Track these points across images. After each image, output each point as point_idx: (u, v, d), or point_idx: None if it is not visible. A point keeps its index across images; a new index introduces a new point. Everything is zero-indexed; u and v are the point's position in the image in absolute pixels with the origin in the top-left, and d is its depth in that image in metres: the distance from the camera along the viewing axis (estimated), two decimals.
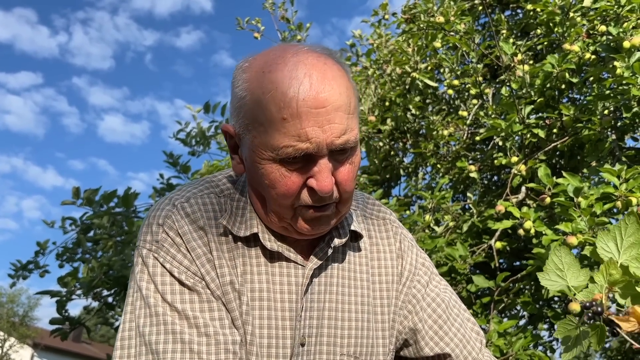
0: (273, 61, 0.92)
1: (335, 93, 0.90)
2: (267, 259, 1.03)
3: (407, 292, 1.15)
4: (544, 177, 2.59)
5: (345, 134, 0.91)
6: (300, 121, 0.87)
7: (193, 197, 1.04)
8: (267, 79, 0.90)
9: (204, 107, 3.95)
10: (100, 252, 3.56)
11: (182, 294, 0.96)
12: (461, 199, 3.97)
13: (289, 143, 0.88)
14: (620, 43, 2.53)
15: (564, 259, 0.72)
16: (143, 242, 1.00)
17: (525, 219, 2.70)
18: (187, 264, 0.98)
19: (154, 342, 0.93)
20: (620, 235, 0.70)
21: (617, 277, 0.69)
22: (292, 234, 1.02)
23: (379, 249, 1.16)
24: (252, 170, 0.97)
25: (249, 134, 0.93)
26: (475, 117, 3.69)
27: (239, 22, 4.21)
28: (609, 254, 0.71)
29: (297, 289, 1.03)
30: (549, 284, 0.73)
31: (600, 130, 2.84)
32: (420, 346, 1.13)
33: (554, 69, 2.90)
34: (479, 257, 3.07)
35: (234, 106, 0.97)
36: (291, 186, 0.93)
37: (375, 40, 4.27)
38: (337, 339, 1.05)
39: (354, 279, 1.11)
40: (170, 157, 3.97)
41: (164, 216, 1.00)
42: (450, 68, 3.61)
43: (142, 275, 0.98)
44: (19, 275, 3.73)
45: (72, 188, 3.38)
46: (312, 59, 0.91)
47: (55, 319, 3.27)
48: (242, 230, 1.01)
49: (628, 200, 2.35)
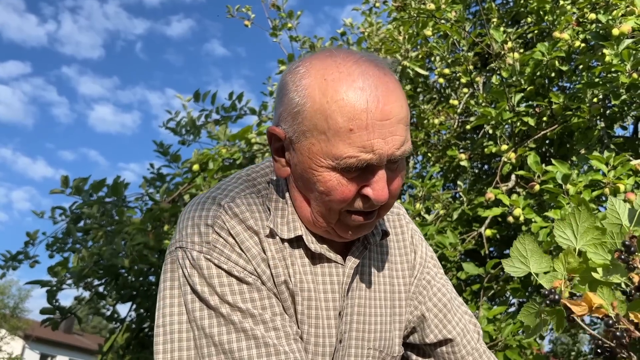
0: (335, 69, 0.93)
1: (398, 106, 0.92)
2: (310, 259, 1.05)
3: (417, 283, 1.20)
4: (533, 165, 2.60)
5: (403, 145, 0.94)
6: (367, 133, 0.89)
7: (238, 196, 1.03)
8: (331, 88, 0.91)
9: (194, 96, 3.92)
10: (90, 241, 3.54)
11: (242, 294, 0.96)
12: (452, 188, 3.99)
13: (352, 154, 0.90)
14: (610, 31, 2.54)
15: (527, 247, 0.76)
16: (191, 244, 0.98)
17: (514, 206, 2.72)
18: (243, 264, 0.97)
19: (226, 342, 0.93)
20: (576, 222, 0.74)
21: (575, 265, 0.73)
22: (332, 237, 1.04)
23: (397, 244, 1.20)
24: (304, 175, 0.97)
25: (306, 140, 0.94)
26: (465, 106, 3.70)
27: (229, 9, 4.18)
28: (567, 241, 0.74)
29: (339, 287, 1.06)
30: (513, 270, 0.76)
31: (589, 118, 2.86)
32: (426, 333, 1.19)
33: (544, 57, 2.91)
34: (469, 245, 3.09)
35: (288, 111, 0.96)
36: (347, 194, 0.94)
37: (366, 28, 4.26)
38: (364, 334, 1.09)
39: (378, 275, 1.14)
40: (160, 146, 3.95)
41: (213, 216, 0.99)
42: (441, 56, 3.61)
43: (193, 278, 0.96)
44: (8, 266, 3.71)
45: (61, 177, 3.36)
46: (374, 70, 0.93)
47: (46, 309, 3.26)
48: (286, 232, 1.02)
49: (616, 187, 2.37)
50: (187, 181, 3.79)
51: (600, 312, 0.69)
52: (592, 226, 0.73)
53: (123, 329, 3.68)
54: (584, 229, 0.74)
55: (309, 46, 4.32)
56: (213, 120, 4.00)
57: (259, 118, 4.10)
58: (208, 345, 0.94)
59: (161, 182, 4.01)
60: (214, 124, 3.96)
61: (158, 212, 3.46)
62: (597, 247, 0.72)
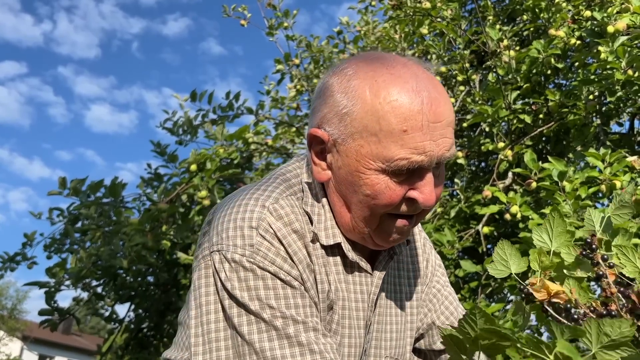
0: (386, 70, 0.92)
1: (448, 109, 0.92)
2: (344, 267, 1.03)
3: (428, 291, 1.21)
4: (530, 162, 2.61)
5: (452, 147, 0.93)
6: (421, 134, 0.88)
7: (281, 198, 0.99)
8: (384, 89, 0.90)
9: (191, 95, 3.92)
10: (88, 242, 3.54)
11: (286, 299, 0.92)
12: (449, 185, 4.00)
13: (405, 155, 0.89)
14: (605, 28, 2.55)
15: (507, 251, 0.85)
16: (233, 247, 0.93)
17: (511, 203, 2.73)
18: (288, 269, 0.94)
19: (268, 349, 0.89)
20: (550, 227, 0.84)
21: (547, 263, 0.81)
22: (368, 244, 1.02)
23: (411, 252, 1.20)
24: (349, 178, 0.94)
25: (354, 142, 0.92)
26: (462, 104, 3.71)
27: (225, 9, 4.17)
28: (544, 243, 0.84)
29: (368, 298, 1.05)
30: (497, 273, 0.85)
31: (585, 115, 2.87)
32: (434, 340, 1.20)
33: (540, 54, 2.91)
34: (467, 242, 3.10)
35: (335, 112, 0.94)
36: (395, 198, 0.93)
37: (363, 27, 4.27)
38: (381, 342, 1.09)
39: (395, 284, 1.14)
40: (157, 146, 3.94)
41: (257, 219, 0.95)
42: (438, 54, 3.62)
43: (233, 283, 0.92)
44: (6, 267, 3.71)
45: (59, 178, 3.35)
46: (425, 73, 0.93)
47: (44, 310, 3.26)
48: (324, 238, 0.99)
49: (612, 183, 2.38)
50: (184, 181, 3.79)
51: (561, 297, 0.78)
52: (564, 230, 0.83)
53: (122, 329, 3.68)
54: (557, 232, 0.83)
55: (305, 45, 4.32)
56: (210, 120, 4.00)
57: (256, 117, 4.10)
58: (250, 353, 0.90)
59: (159, 182, 4.01)
60: (211, 123, 3.96)
61: (156, 212, 3.46)
62: (569, 247, 0.82)
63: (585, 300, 0.77)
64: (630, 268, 0.75)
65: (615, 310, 0.71)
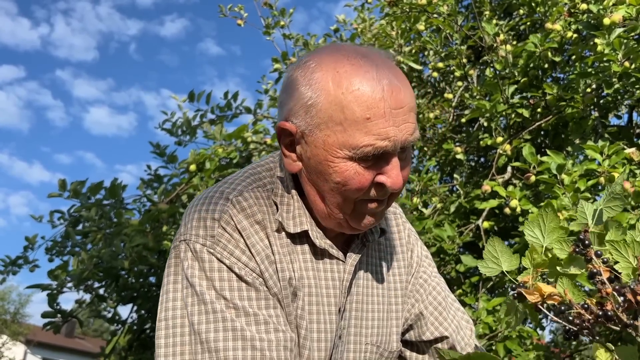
0: (347, 61, 0.95)
1: (409, 95, 0.96)
2: (313, 255, 1.05)
3: (414, 282, 1.22)
4: (529, 156, 2.62)
5: (415, 132, 0.97)
6: (383, 121, 0.92)
7: (245, 190, 1.03)
8: (346, 79, 0.93)
9: (189, 96, 3.93)
10: (89, 244, 3.55)
11: (240, 290, 0.96)
12: (448, 181, 4.01)
13: (369, 142, 0.92)
14: (601, 20, 2.55)
15: (498, 248, 0.83)
16: (195, 237, 0.98)
17: (511, 198, 2.74)
18: (246, 260, 0.97)
19: (212, 340, 0.92)
20: (543, 222, 0.82)
21: (540, 260, 0.79)
22: (344, 229, 1.05)
23: (393, 243, 1.22)
24: (319, 168, 0.97)
25: (321, 132, 0.95)
26: (460, 99, 3.72)
27: (222, 9, 4.18)
28: (536, 239, 0.82)
29: (340, 284, 1.07)
30: (487, 270, 0.83)
31: (583, 108, 2.87)
32: (422, 330, 1.20)
33: (537, 48, 2.92)
34: (467, 237, 3.11)
35: (300, 105, 0.97)
36: (364, 183, 0.96)
37: (359, 24, 4.27)
38: (362, 329, 1.10)
39: (375, 272, 1.16)
40: (157, 147, 3.95)
41: (220, 211, 0.99)
42: (435, 50, 3.62)
43: (193, 271, 0.96)
44: (8, 271, 3.72)
45: (59, 180, 3.36)
46: (383, 62, 0.97)
47: (47, 312, 3.27)
48: (292, 226, 1.03)
49: (611, 176, 2.39)
50: (184, 181, 3.80)
51: (555, 299, 0.76)
52: (557, 226, 0.81)
53: (125, 330, 3.69)
54: (550, 228, 0.81)
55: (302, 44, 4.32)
56: (208, 120, 4.01)
57: (255, 117, 4.10)
58: (195, 342, 0.93)
59: (158, 183, 4.02)
60: (209, 123, 3.96)
61: (156, 213, 3.46)
62: (562, 244, 0.80)
63: (579, 299, 0.76)
64: (623, 264, 0.73)
65: (611, 311, 0.70)
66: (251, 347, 0.92)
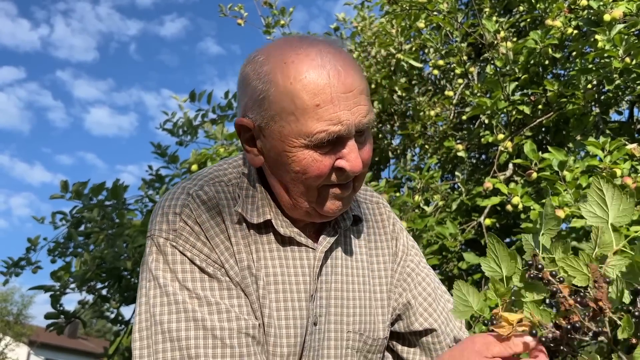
0: (293, 52, 0.97)
1: (357, 78, 0.97)
2: (280, 244, 1.07)
3: (401, 271, 1.22)
4: (530, 153, 2.62)
5: (368, 114, 0.99)
6: (333, 106, 0.94)
7: (206, 185, 1.06)
8: (293, 69, 0.95)
9: (190, 96, 3.93)
10: (92, 245, 3.55)
11: (202, 281, 0.98)
12: (450, 178, 4.01)
13: (322, 128, 0.94)
14: (601, 16, 2.55)
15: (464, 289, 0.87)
16: (159, 232, 1.00)
17: (513, 194, 2.74)
18: (207, 252, 1.00)
19: (174, 330, 0.94)
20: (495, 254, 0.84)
21: (503, 291, 0.81)
22: (314, 218, 1.07)
23: (375, 231, 1.23)
24: (279, 159, 0.99)
25: (276, 124, 0.96)
26: (461, 97, 3.71)
27: (222, 8, 4.17)
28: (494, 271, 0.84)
29: (310, 271, 1.08)
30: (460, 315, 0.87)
31: (584, 104, 2.87)
32: (411, 321, 1.20)
33: (537, 45, 2.91)
34: (469, 235, 3.11)
35: (254, 99, 0.99)
36: (323, 169, 0.98)
37: (359, 22, 4.26)
38: (343, 317, 1.11)
39: (355, 260, 1.16)
40: (158, 148, 3.96)
41: (181, 205, 1.02)
42: (435, 48, 3.62)
43: (157, 264, 0.99)
44: (11, 273, 3.73)
45: (61, 182, 3.37)
46: (330, 48, 0.98)
47: (50, 314, 3.27)
48: (255, 217, 1.05)
49: (612, 172, 2.39)
50: None
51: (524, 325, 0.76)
52: (507, 254, 0.82)
53: (128, 331, 3.70)
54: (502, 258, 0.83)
55: None
56: (210, 120, 4.01)
57: None
58: (156, 332, 0.95)
59: (160, 183, 4.02)
60: (210, 123, 3.97)
61: None
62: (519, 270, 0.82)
63: (548, 319, 0.76)
64: (579, 277, 0.74)
65: (578, 322, 0.70)
66: (212, 336, 0.94)
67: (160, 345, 0.94)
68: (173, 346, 0.93)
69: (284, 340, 1.02)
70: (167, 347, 0.93)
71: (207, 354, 0.93)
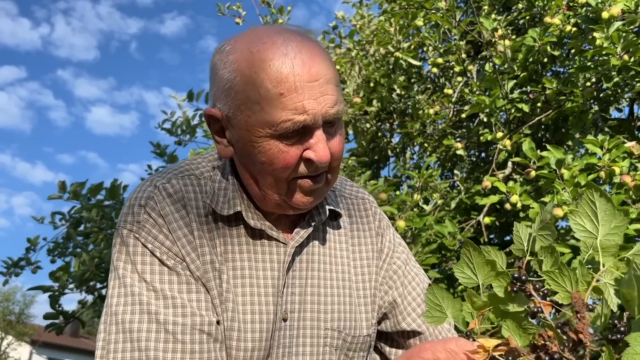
0: (259, 41, 0.95)
1: (325, 67, 0.95)
2: (250, 237, 1.05)
3: (387, 268, 1.19)
4: (529, 151, 2.61)
5: (336, 105, 0.96)
6: (297, 94, 0.92)
7: (174, 178, 1.05)
8: (257, 58, 0.93)
9: (188, 95, 3.92)
10: (91, 245, 3.55)
11: (161, 274, 0.97)
12: (449, 177, 4.00)
13: (287, 117, 0.92)
14: (599, 14, 2.54)
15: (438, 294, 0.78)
16: (124, 223, 1.01)
17: (511, 193, 2.73)
18: (169, 245, 0.99)
19: (127, 321, 0.94)
20: (470, 260, 0.76)
21: (480, 303, 0.75)
22: (285, 210, 1.05)
23: (359, 227, 1.20)
24: (246, 150, 0.98)
25: (242, 114, 0.95)
26: (460, 95, 3.70)
27: (220, 7, 4.17)
28: (469, 280, 0.77)
29: (279, 266, 1.06)
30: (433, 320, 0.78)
31: (583, 102, 2.86)
32: (398, 320, 1.17)
33: (536, 42, 2.90)
34: (468, 233, 3.10)
35: (221, 89, 0.98)
36: (289, 160, 0.96)
37: (358, 21, 4.25)
38: (320, 314, 1.08)
39: (335, 256, 1.14)
40: (157, 147, 3.96)
41: (146, 197, 1.02)
42: (434, 46, 3.61)
43: (119, 255, 0.99)
44: (10, 273, 3.73)
45: (58, 182, 3.36)
46: (297, 37, 0.97)
47: (49, 314, 3.27)
48: (226, 209, 1.03)
49: (611, 170, 2.38)
50: None
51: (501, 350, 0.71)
52: (484, 261, 0.76)
53: None
54: (478, 264, 0.76)
55: None
56: None
57: None
58: (111, 322, 0.95)
59: None
60: None
61: None
62: (496, 280, 0.75)
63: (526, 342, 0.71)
64: (562, 294, 0.70)
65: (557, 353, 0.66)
66: (164, 330, 0.93)
67: (113, 336, 0.94)
68: (125, 337, 0.93)
69: (248, 335, 1.01)
70: (119, 339, 0.93)
71: (158, 347, 0.92)
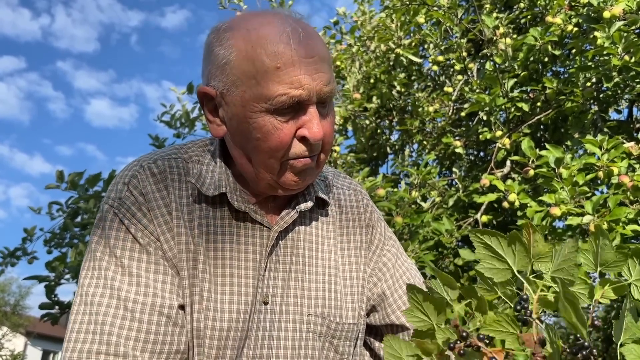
0: (256, 21, 0.97)
1: (319, 44, 0.98)
2: (233, 219, 1.06)
3: (377, 259, 1.19)
4: (528, 150, 2.61)
5: (330, 83, 0.97)
6: (294, 69, 0.93)
7: (160, 159, 1.07)
8: (255, 35, 0.95)
9: (187, 88, 3.92)
10: (88, 236, 3.55)
11: (132, 251, 0.99)
12: (447, 175, 4.00)
13: (283, 91, 0.93)
14: (601, 13, 2.53)
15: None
16: (106, 199, 1.03)
17: (509, 191, 2.73)
18: (145, 223, 1.00)
19: (90, 294, 0.95)
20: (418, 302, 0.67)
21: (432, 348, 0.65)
22: (276, 191, 1.05)
23: (349, 217, 1.20)
24: (240, 127, 0.99)
25: (237, 89, 0.96)
26: (460, 93, 3.70)
27: (221, 1, 4.15)
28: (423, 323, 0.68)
29: (262, 249, 1.06)
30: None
31: (582, 102, 2.86)
32: (387, 312, 1.17)
33: (537, 41, 2.90)
34: (465, 231, 3.10)
35: (217, 66, 0.99)
36: (284, 137, 0.96)
37: (359, 17, 4.25)
38: (304, 300, 1.08)
39: (322, 244, 1.14)
40: (155, 140, 3.95)
41: (130, 175, 1.04)
42: (434, 44, 3.60)
43: (96, 229, 1.01)
44: (6, 262, 3.72)
45: (56, 172, 3.36)
46: (292, 17, 1.00)
47: (45, 304, 3.27)
48: (211, 190, 1.04)
49: (610, 170, 2.38)
50: None
51: None
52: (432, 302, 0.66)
53: None
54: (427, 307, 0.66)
55: None
56: None
57: None
58: (78, 294, 0.97)
59: None
60: None
61: None
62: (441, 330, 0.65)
63: None
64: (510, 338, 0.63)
65: None
66: (124, 307, 0.95)
67: (76, 307, 0.96)
68: (85, 309, 0.94)
69: (225, 315, 1.01)
70: (80, 310, 0.95)
71: (114, 323, 0.93)
